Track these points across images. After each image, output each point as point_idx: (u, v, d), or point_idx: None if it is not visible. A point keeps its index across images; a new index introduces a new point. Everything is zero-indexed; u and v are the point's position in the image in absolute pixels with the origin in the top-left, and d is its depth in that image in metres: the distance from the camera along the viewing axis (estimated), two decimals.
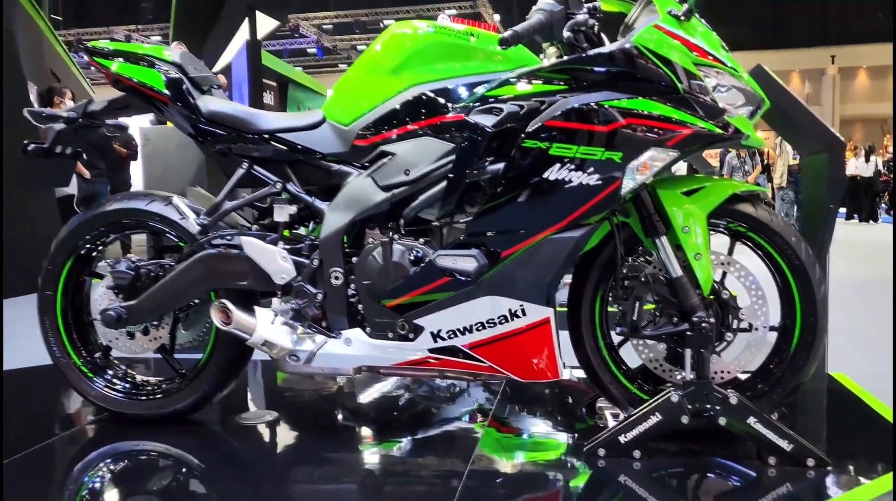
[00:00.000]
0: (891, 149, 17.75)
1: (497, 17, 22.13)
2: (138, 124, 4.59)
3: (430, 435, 2.09)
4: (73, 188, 5.80)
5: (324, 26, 24.51)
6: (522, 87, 1.79)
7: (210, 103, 2.02)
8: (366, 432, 2.20)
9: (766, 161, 9.86)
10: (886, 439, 1.94)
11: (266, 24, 10.81)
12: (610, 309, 2.00)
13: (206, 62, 2.09)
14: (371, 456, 1.98)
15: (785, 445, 1.72)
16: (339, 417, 2.34)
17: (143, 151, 3.77)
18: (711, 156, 9.50)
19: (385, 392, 2.53)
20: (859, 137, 22.15)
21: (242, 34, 9.91)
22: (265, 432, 2.15)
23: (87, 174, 5.96)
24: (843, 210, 14.51)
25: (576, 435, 2.05)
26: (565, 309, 2.01)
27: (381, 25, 24.46)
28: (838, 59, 26.25)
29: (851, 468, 1.77)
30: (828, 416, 2.27)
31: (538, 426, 2.17)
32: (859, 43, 25.41)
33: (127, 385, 2.16)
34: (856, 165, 14.08)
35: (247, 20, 9.59)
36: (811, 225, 2.67)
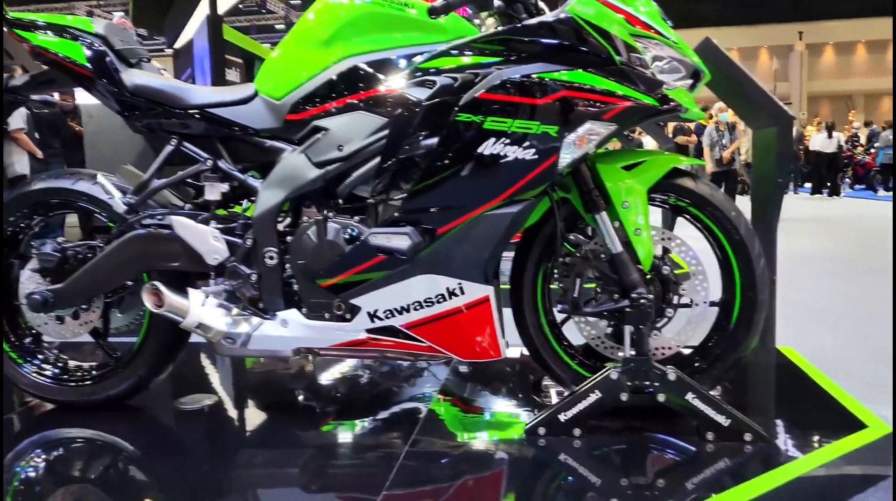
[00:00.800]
0: (855, 125, 17.99)
1: None
2: (80, 101, 4.44)
3: (375, 415, 2.05)
4: (26, 168, 5.63)
5: (291, 1, 24.08)
6: (455, 59, 1.73)
7: (136, 77, 1.93)
8: (309, 413, 2.15)
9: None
10: (826, 413, 1.95)
11: None
12: (552, 287, 1.97)
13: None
14: (313, 438, 1.93)
15: (723, 420, 1.72)
16: (282, 399, 2.29)
17: (86, 129, 3.64)
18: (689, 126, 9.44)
19: (332, 372, 2.49)
20: (826, 113, 22.41)
21: (203, 9, 9.67)
22: (204, 416, 2.10)
23: (39, 154, 5.78)
24: (808, 185, 14.72)
25: (520, 414, 2.03)
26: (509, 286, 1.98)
27: None
28: (806, 35, 26.45)
29: (790, 442, 1.78)
30: (775, 391, 2.28)
31: (483, 405, 2.14)
32: (826, 19, 25.60)
33: (58, 371, 2.09)
34: (819, 142, 14.23)
35: None
36: (761, 199, 2.67)
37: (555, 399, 2.06)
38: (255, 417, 2.14)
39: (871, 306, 3.88)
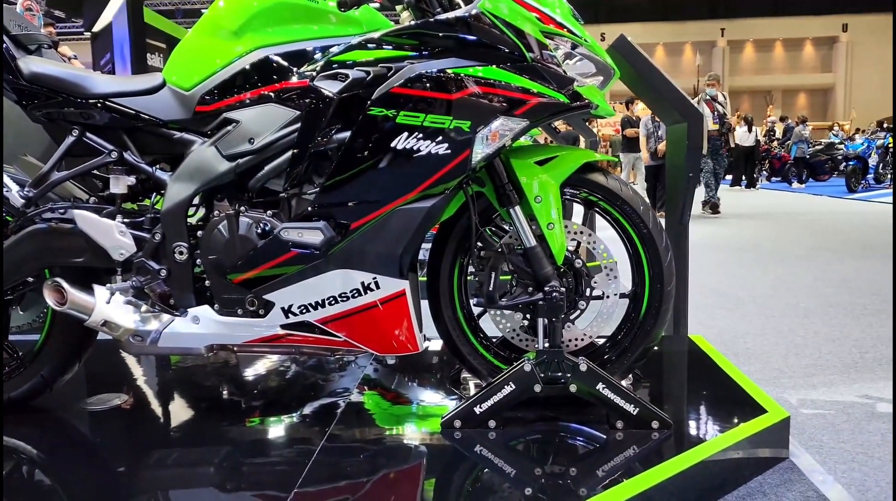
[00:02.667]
0: (771, 118, 18.77)
1: None
2: None
3: (294, 410, 2.03)
4: None
5: None
6: (368, 52, 1.72)
7: (33, 64, 1.84)
8: (226, 409, 2.11)
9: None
10: (731, 400, 2.03)
11: None
12: (469, 279, 1.98)
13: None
14: (228, 435, 1.89)
15: (631, 409, 1.77)
16: (198, 394, 2.24)
17: None
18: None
19: (253, 366, 2.44)
20: (747, 108, 23.31)
21: None
22: (114, 416, 2.03)
23: None
24: (728, 177, 15.27)
25: (440, 406, 2.04)
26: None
27: None
28: (728, 32, 27.42)
29: (694, 428, 1.85)
30: (685, 379, 2.36)
31: (403, 397, 2.14)
32: (747, 17, 26.61)
33: None
34: (739, 135, 14.80)
35: None
36: (674, 192, 2.76)
37: (473, 392, 2.08)
38: (167, 415, 2.08)
39: (781, 294, 4.07)
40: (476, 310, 2.01)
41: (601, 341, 2.00)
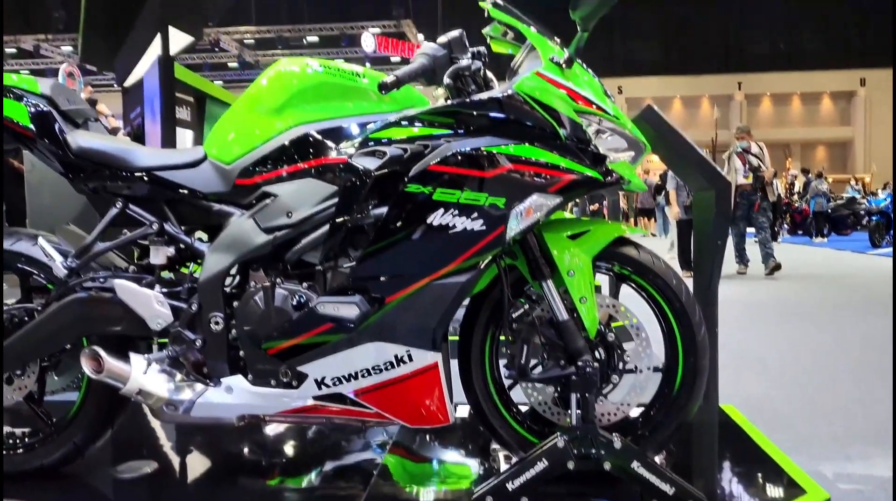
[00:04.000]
0: (792, 172, 18.76)
1: (421, 36, 22.29)
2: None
3: (323, 473, 2.03)
4: None
5: (245, 41, 24.12)
6: (405, 129, 1.77)
7: (81, 138, 1.91)
8: (255, 473, 2.11)
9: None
10: (768, 478, 1.99)
11: (180, 39, 10.53)
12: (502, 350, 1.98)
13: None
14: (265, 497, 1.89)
15: (667, 488, 1.74)
16: (227, 456, 2.24)
17: (28, 178, 3.57)
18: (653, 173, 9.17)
19: (280, 427, 2.44)
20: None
21: (155, 48, 9.61)
22: (145, 485, 2.03)
23: None
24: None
25: (469, 480, 2.02)
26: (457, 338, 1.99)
27: (304, 41, 24.25)
28: (745, 85, 27.66)
29: None
30: (717, 453, 2.32)
31: (427, 472, 2.12)
32: (764, 71, 26.87)
33: None
34: None
35: (159, 35, 9.31)
36: (701, 258, 2.76)
37: (503, 464, 2.06)
38: (198, 479, 2.07)
39: (806, 354, 4.01)
40: (506, 382, 2.01)
41: (634, 414, 1.98)
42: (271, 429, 2.46)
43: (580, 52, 1.76)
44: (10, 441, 2.01)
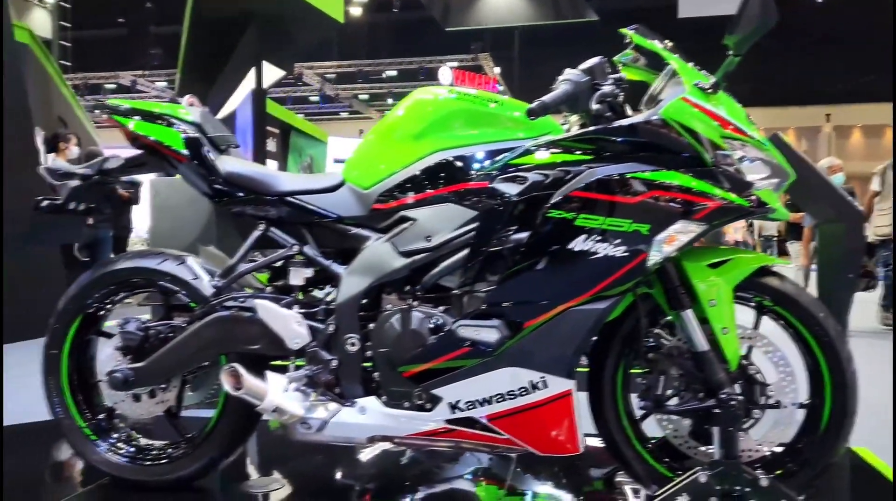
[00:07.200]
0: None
1: (497, 69, 22.53)
2: (148, 175, 4.60)
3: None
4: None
5: (327, 75, 24.89)
6: (544, 155, 1.78)
7: (227, 164, 2.00)
8: (352, 495, 2.13)
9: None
10: None
11: (272, 73, 10.97)
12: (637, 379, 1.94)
13: (211, 110, 2.09)
14: None
15: None
16: (345, 481, 2.26)
17: (152, 203, 3.76)
18: None
19: (391, 452, 2.44)
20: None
21: (248, 82, 10.03)
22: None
23: (89, 220, 5.93)
24: None
25: None
26: (586, 370, 1.95)
27: (384, 76, 24.86)
28: (833, 117, 26.69)
29: None
30: (850, 496, 2.20)
31: (551, 497, 2.09)
32: (854, 102, 25.86)
33: (131, 449, 2.09)
34: None
35: (253, 69, 9.72)
36: (827, 294, 2.65)
37: (630, 496, 2.01)
38: (284, 498, 2.10)
39: None
40: (638, 413, 1.96)
41: (775, 451, 1.90)
42: (366, 453, 2.45)
43: (725, 78, 1.73)
44: (154, 453, 2.09)
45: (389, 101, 26.41)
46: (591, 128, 1.77)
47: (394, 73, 24.62)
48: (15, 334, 4.64)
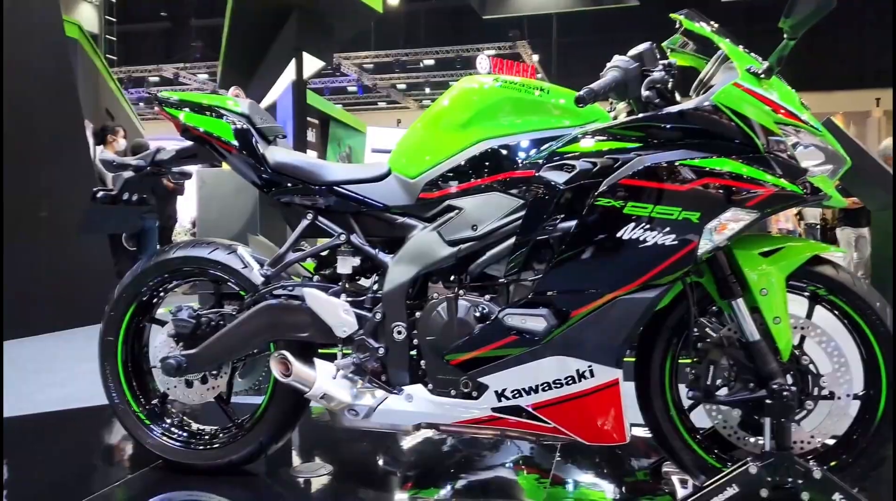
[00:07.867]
0: None
1: (536, 57, 22.32)
2: (196, 166, 4.70)
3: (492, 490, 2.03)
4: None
5: (364, 65, 24.96)
6: (591, 143, 1.76)
7: (276, 154, 2.03)
8: (394, 480, 2.17)
9: None
10: None
11: (312, 64, 11.04)
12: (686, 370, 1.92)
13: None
14: None
15: None
16: (393, 469, 2.29)
17: (199, 194, 3.84)
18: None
19: (432, 439, 2.46)
20: None
21: (288, 74, 10.13)
22: (319, 485, 2.10)
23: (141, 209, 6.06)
24: None
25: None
26: (632, 360, 1.94)
27: (421, 65, 24.86)
28: (883, 101, 25.83)
29: None
30: None
31: (596, 487, 2.09)
32: None
33: (184, 434, 2.14)
34: None
35: (293, 60, 9.80)
36: (881, 283, 2.58)
37: (677, 487, 2.00)
38: (371, 487, 2.13)
39: None
40: (686, 403, 1.94)
41: (827, 442, 1.87)
42: (407, 441, 2.48)
43: (780, 62, 1.69)
44: (206, 438, 2.14)
45: (427, 90, 26.42)
46: (641, 115, 1.75)
47: (431, 62, 24.59)
48: (63, 321, 4.79)
